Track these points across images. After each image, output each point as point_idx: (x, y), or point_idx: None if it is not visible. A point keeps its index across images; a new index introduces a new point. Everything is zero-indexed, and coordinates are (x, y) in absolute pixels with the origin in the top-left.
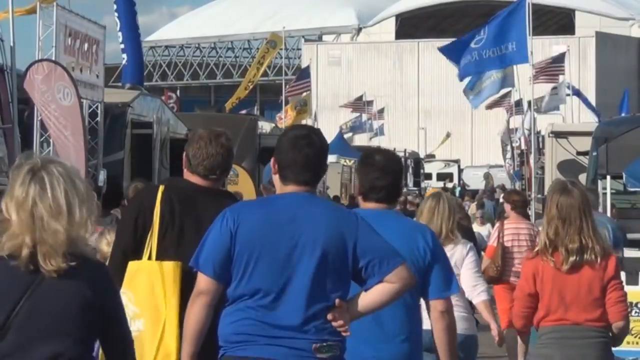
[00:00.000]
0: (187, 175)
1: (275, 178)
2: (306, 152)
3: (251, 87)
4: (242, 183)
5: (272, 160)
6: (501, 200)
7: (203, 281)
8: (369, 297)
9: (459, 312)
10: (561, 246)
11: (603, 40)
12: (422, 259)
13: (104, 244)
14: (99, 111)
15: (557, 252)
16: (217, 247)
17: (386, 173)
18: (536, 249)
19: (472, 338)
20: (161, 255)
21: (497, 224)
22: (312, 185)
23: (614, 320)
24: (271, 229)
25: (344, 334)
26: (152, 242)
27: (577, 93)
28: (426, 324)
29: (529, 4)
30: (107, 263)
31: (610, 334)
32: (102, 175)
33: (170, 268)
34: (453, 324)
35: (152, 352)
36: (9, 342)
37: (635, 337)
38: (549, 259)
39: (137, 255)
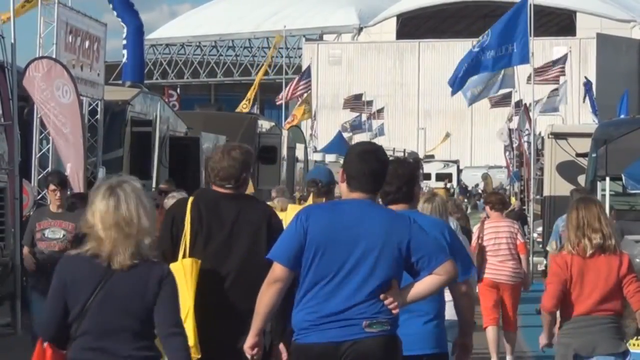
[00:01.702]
0: (212, 186)
1: (343, 186)
2: (374, 166)
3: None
4: None
5: (340, 170)
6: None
7: (278, 269)
8: (419, 286)
9: (450, 301)
10: (584, 237)
11: (604, 41)
12: None
13: None
14: (98, 109)
15: (581, 243)
16: (292, 242)
17: (394, 178)
18: (564, 247)
19: None
20: (193, 254)
21: (479, 225)
22: (374, 193)
23: (637, 307)
24: (336, 229)
25: (393, 311)
26: (185, 244)
27: (588, 89)
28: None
29: (530, 5)
30: None
31: (628, 322)
32: (101, 173)
33: (188, 263)
34: (472, 301)
35: None
36: (87, 322)
37: (638, 339)
38: (575, 249)
39: (175, 258)
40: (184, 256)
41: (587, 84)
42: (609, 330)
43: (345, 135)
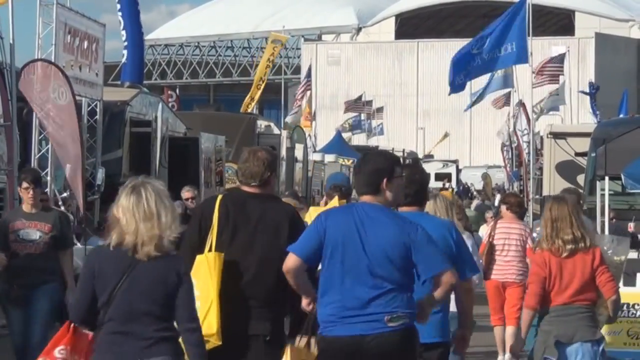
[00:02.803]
0: (241, 187)
1: None
2: (357, 172)
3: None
4: None
5: None
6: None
7: (289, 258)
8: (435, 297)
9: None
10: (557, 238)
11: (602, 41)
12: (450, 249)
13: None
14: (97, 109)
15: (555, 243)
16: (311, 238)
17: (411, 183)
18: (540, 245)
19: None
20: (218, 248)
21: (491, 223)
22: (370, 194)
23: (608, 295)
24: (349, 229)
25: (422, 320)
26: (212, 238)
27: (593, 91)
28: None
29: (528, 4)
30: None
31: (601, 310)
32: (101, 174)
33: (212, 257)
34: (472, 298)
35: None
36: (113, 308)
37: (633, 338)
38: (551, 248)
39: (202, 250)
40: (210, 249)
41: (592, 87)
42: (586, 318)
43: (345, 135)
